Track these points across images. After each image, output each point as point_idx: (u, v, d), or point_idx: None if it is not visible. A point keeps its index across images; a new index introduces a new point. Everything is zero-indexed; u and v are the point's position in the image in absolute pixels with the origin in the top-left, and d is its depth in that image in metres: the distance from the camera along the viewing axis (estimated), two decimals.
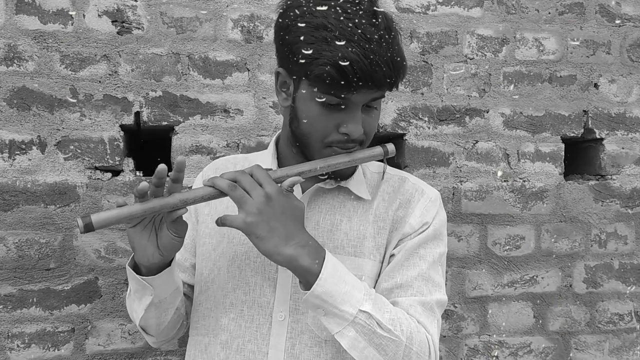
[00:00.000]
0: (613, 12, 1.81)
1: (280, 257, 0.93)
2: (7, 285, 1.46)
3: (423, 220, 1.10)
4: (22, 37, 1.47)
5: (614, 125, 1.81)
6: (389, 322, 0.96)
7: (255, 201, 0.92)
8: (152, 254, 0.99)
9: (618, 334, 1.81)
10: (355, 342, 0.95)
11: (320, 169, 1.00)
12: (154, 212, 0.93)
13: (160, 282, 1.04)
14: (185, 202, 0.95)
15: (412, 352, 0.97)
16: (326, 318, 0.96)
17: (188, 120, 1.55)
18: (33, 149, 1.48)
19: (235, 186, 0.94)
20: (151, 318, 1.10)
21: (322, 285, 0.93)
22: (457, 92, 1.71)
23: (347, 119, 0.98)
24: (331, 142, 1.00)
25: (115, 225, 0.94)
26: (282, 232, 0.93)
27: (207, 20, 1.56)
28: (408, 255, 1.08)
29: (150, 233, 0.98)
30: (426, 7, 1.69)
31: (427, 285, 1.06)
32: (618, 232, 1.80)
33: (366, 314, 0.94)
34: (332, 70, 0.91)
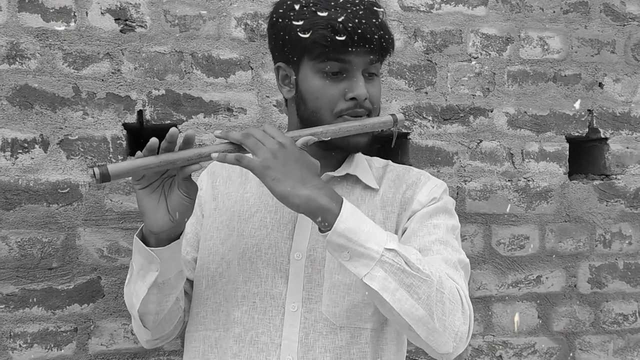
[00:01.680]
0: (618, 11, 1.80)
1: (297, 199, 0.90)
2: (9, 284, 1.45)
3: (431, 196, 1.11)
4: (25, 35, 1.47)
5: (619, 125, 1.80)
6: (417, 262, 0.91)
7: (269, 147, 0.93)
8: (162, 218, 0.97)
9: (622, 335, 1.80)
10: (386, 282, 0.89)
11: (332, 132, 1.01)
12: (169, 163, 0.92)
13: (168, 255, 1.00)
14: (199, 156, 0.94)
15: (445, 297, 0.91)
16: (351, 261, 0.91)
17: (191, 118, 1.55)
18: (35, 148, 1.47)
19: (249, 135, 0.94)
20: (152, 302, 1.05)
21: (343, 222, 0.90)
22: (461, 91, 1.70)
23: (351, 84, 1.02)
24: (340, 111, 1.03)
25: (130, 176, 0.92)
26: (298, 174, 0.92)
27: (211, 18, 1.56)
28: (421, 224, 1.07)
29: (160, 196, 0.97)
30: (430, 6, 1.68)
31: (447, 248, 1.03)
32: (623, 232, 1.80)
33: (393, 251, 0.90)
34: (327, 32, 0.98)
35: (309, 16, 0.99)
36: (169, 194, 0.98)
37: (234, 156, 0.93)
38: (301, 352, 1.03)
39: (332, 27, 0.98)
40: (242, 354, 1.05)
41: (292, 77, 1.07)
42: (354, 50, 1.00)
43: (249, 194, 1.15)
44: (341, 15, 0.98)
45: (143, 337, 1.15)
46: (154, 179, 0.97)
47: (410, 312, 0.90)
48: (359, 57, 1.01)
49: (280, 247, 1.08)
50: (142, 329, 1.11)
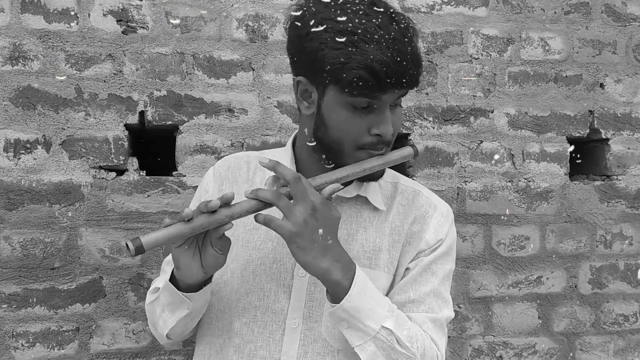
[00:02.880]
0: (619, 11, 1.80)
1: (315, 269, 0.95)
2: (11, 284, 1.46)
3: (437, 237, 1.12)
4: (27, 36, 1.47)
5: (620, 126, 1.80)
6: (407, 339, 0.99)
7: (301, 212, 0.93)
8: (197, 272, 0.99)
9: (623, 335, 1.80)
10: (374, 356, 0.98)
11: (356, 174, 1.01)
12: (202, 229, 0.94)
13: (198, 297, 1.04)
14: (231, 217, 0.95)
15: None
16: (348, 331, 0.98)
17: (192, 119, 1.55)
18: (38, 148, 1.48)
19: (281, 196, 0.94)
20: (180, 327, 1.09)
21: (351, 300, 0.95)
22: (462, 92, 1.70)
23: (378, 120, 0.99)
24: (363, 145, 1.01)
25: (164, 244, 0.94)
26: (322, 244, 0.94)
27: (212, 19, 1.56)
28: (421, 270, 1.10)
29: (195, 251, 0.98)
30: (431, 7, 1.68)
31: (438, 301, 1.09)
32: (624, 233, 1.80)
33: (388, 330, 0.98)
34: (364, 73, 0.92)
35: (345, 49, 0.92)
36: (203, 250, 0.99)
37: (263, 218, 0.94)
38: None
39: (372, 68, 0.91)
40: None
41: (313, 96, 1.02)
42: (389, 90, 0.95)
43: None
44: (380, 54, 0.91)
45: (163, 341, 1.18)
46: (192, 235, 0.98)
47: None
48: (391, 94, 0.97)
49: (284, 262, 1.08)
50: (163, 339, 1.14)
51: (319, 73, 0.96)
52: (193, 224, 0.93)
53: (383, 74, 0.92)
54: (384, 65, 0.91)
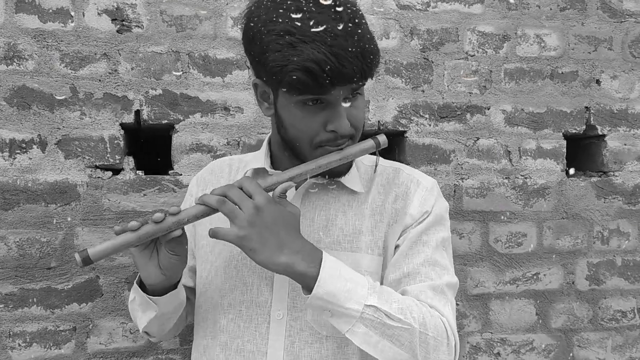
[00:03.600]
0: (615, 7, 1.80)
1: (275, 267, 0.93)
2: (8, 284, 1.46)
3: (423, 209, 1.09)
4: (22, 36, 1.47)
5: (616, 122, 1.80)
6: (398, 312, 0.95)
7: (245, 214, 0.92)
8: (155, 274, 1.01)
9: (621, 331, 1.80)
10: (367, 337, 0.94)
11: (312, 171, 0.99)
12: (149, 237, 0.95)
13: (164, 302, 1.07)
14: (178, 224, 0.96)
15: (429, 338, 0.96)
16: (334, 319, 0.95)
17: (188, 118, 1.55)
18: (33, 148, 1.48)
19: (224, 201, 0.94)
20: (154, 326, 1.13)
21: (322, 286, 0.92)
22: (458, 89, 1.70)
23: (331, 115, 0.97)
24: (320, 142, 1.00)
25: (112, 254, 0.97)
26: (275, 241, 0.92)
27: (207, 18, 1.56)
28: (411, 243, 1.07)
29: (152, 253, 1.00)
30: (427, 4, 1.68)
31: (435, 269, 1.05)
32: (621, 229, 1.80)
33: (373, 307, 0.94)
34: (301, 75, 0.90)
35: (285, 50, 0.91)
36: (159, 252, 1.01)
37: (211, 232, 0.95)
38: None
39: (306, 68, 0.89)
40: None
41: (270, 96, 1.02)
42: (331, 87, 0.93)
43: None
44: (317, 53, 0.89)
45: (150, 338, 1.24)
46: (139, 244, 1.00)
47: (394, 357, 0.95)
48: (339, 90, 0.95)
49: None
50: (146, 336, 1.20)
51: (267, 76, 0.96)
52: (139, 232, 0.94)
53: (320, 74, 0.89)
54: (320, 65, 0.89)
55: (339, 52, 0.90)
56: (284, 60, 0.91)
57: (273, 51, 0.92)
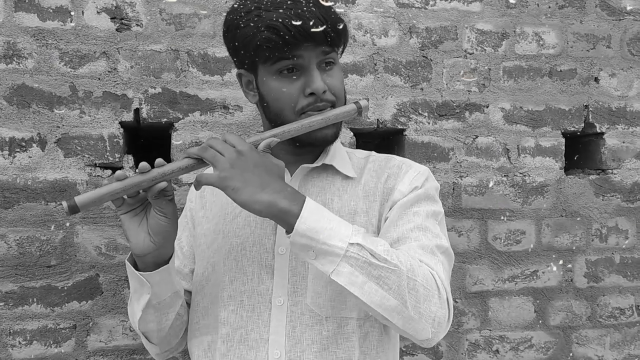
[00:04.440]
0: (613, 5, 1.80)
1: (257, 205, 0.92)
2: (8, 282, 1.47)
3: (412, 185, 1.11)
4: (22, 34, 1.47)
5: (615, 120, 1.80)
6: (384, 253, 0.92)
7: (227, 157, 0.94)
8: (143, 240, 1.00)
9: (619, 328, 1.81)
10: (352, 277, 0.91)
11: (295, 130, 1.02)
12: (134, 186, 0.95)
13: (158, 280, 1.04)
14: (163, 174, 0.96)
15: (417, 284, 0.92)
16: (317, 260, 0.93)
17: (187, 116, 1.56)
18: (33, 147, 1.48)
19: (207, 148, 0.96)
20: (151, 321, 1.09)
21: (304, 222, 0.91)
22: (457, 87, 1.70)
23: (307, 80, 1.03)
24: (302, 108, 1.04)
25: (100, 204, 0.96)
26: (257, 181, 0.93)
27: (206, 16, 1.56)
28: (401, 213, 1.07)
29: (142, 220, 1.01)
30: (426, 2, 1.69)
31: (426, 234, 1.04)
32: (619, 227, 1.80)
33: (357, 245, 0.91)
34: (268, 34, 0.98)
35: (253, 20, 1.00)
36: (149, 216, 1.01)
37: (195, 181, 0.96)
38: (289, 346, 1.03)
39: (274, 27, 0.98)
40: (230, 354, 1.06)
41: (253, 82, 1.08)
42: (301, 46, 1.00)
43: None
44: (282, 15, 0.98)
45: (152, 351, 1.19)
46: (135, 204, 1.01)
47: (382, 303, 0.91)
48: (309, 51, 1.02)
49: (264, 244, 1.09)
50: (148, 344, 1.16)
51: (244, 57, 1.04)
52: (125, 182, 0.95)
53: (285, 30, 0.98)
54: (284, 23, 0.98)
55: (301, 12, 0.99)
56: (253, 29, 0.99)
57: (244, 27, 1.01)
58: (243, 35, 1.01)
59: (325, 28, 1.01)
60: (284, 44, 0.99)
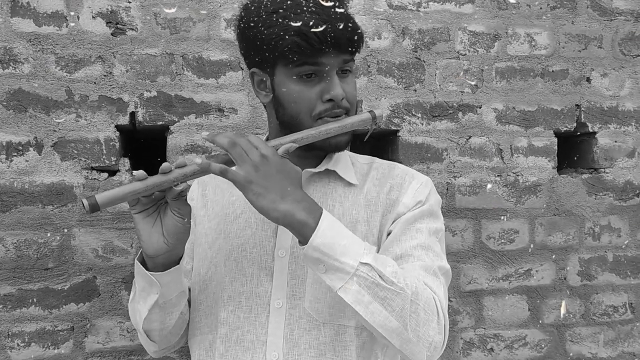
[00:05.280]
0: (605, 6, 1.82)
1: (276, 213, 0.93)
2: (6, 285, 1.48)
3: (416, 199, 1.12)
4: (18, 39, 1.49)
5: (607, 119, 1.82)
6: (392, 275, 0.94)
7: (253, 159, 0.95)
8: (157, 241, 1.00)
9: (613, 326, 1.82)
10: (359, 295, 0.93)
11: (313, 137, 1.03)
12: (156, 187, 0.95)
13: (168, 280, 1.04)
14: (185, 176, 0.96)
15: (419, 308, 0.94)
16: (327, 274, 0.94)
17: (183, 119, 1.57)
18: (30, 151, 1.50)
19: (235, 144, 0.96)
20: (155, 321, 1.10)
21: (320, 236, 0.93)
22: (450, 88, 1.72)
23: (327, 85, 1.04)
24: (319, 114, 1.05)
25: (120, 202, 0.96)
26: (278, 188, 0.94)
27: (201, 20, 1.58)
28: (404, 229, 1.08)
29: (156, 220, 1.01)
30: (418, 4, 1.70)
31: (428, 253, 1.06)
32: (612, 225, 1.82)
33: (368, 265, 0.93)
34: (297, 39, 0.99)
35: (279, 23, 1.00)
36: (163, 217, 1.01)
37: (219, 167, 0.96)
38: (286, 349, 1.04)
39: (303, 34, 0.99)
40: (228, 354, 1.07)
41: (267, 82, 1.08)
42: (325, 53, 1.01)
43: (235, 197, 1.17)
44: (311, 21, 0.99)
45: (150, 348, 1.19)
46: (149, 204, 1.00)
47: (384, 324, 0.93)
48: (331, 58, 1.03)
49: (264, 246, 1.10)
50: (148, 342, 1.16)
51: (263, 57, 1.04)
52: (147, 182, 0.95)
53: (314, 37, 0.99)
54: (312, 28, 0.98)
55: (328, 19, 1.00)
56: (281, 31, 1.00)
57: (267, 27, 1.01)
58: (267, 36, 1.01)
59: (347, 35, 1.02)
60: (311, 50, 1.00)
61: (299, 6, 1.00)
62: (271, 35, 1.01)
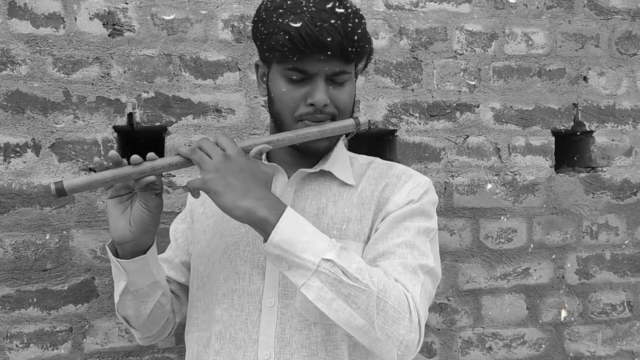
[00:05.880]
0: (601, 5, 1.82)
1: (237, 211, 0.93)
2: (5, 286, 1.48)
3: (409, 198, 1.10)
4: (15, 41, 1.49)
5: (604, 118, 1.82)
6: (356, 271, 0.92)
7: (213, 161, 0.96)
8: (123, 228, 1.02)
9: (611, 324, 1.83)
10: (321, 292, 0.92)
11: (289, 139, 1.04)
12: (124, 177, 0.97)
13: (134, 269, 1.06)
14: (153, 169, 0.98)
15: (387, 306, 0.92)
16: (290, 272, 0.94)
17: (181, 120, 1.57)
18: (28, 152, 1.50)
19: (195, 150, 0.98)
20: (129, 307, 1.12)
21: (279, 233, 0.92)
22: (447, 88, 1.72)
23: (311, 90, 1.04)
24: (301, 116, 1.05)
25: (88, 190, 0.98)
26: (240, 187, 0.94)
27: (198, 21, 1.58)
28: (392, 226, 1.07)
29: (126, 208, 1.03)
30: (415, 4, 1.70)
31: (412, 251, 1.03)
32: (609, 224, 1.82)
33: (330, 262, 0.92)
34: (282, 38, 0.99)
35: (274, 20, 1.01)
36: (133, 207, 1.03)
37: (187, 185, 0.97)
38: (278, 348, 1.05)
39: (288, 33, 0.99)
40: (223, 351, 1.08)
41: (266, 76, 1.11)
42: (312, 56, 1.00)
43: None
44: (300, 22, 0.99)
45: (135, 335, 1.22)
46: (123, 191, 1.03)
47: (349, 322, 0.92)
48: (320, 62, 1.02)
49: (257, 244, 1.11)
50: (130, 328, 1.19)
51: (262, 51, 1.07)
52: (115, 171, 0.97)
53: (298, 38, 0.98)
54: (299, 30, 0.98)
55: (320, 23, 0.99)
56: (273, 27, 1.01)
57: (266, 23, 1.03)
58: (264, 30, 1.03)
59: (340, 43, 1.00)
60: (295, 51, 1.00)
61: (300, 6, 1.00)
62: (267, 30, 1.03)
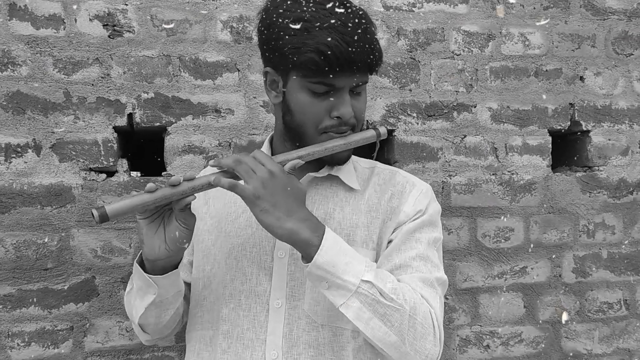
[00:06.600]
0: (598, 5, 1.83)
1: (281, 231, 0.96)
2: (6, 285, 1.49)
3: (417, 208, 1.14)
4: (15, 42, 1.50)
5: (600, 118, 1.84)
6: (392, 292, 0.98)
7: (259, 175, 0.97)
8: (159, 247, 1.03)
9: (607, 322, 1.84)
10: (360, 312, 0.97)
11: (318, 153, 1.05)
12: (165, 199, 0.98)
13: (166, 283, 1.08)
14: (193, 189, 0.99)
15: (417, 323, 0.99)
16: (329, 291, 0.98)
17: (180, 120, 1.58)
18: (29, 152, 1.51)
19: (241, 161, 0.98)
20: (151, 317, 1.13)
21: (323, 255, 0.96)
22: (445, 88, 1.74)
23: (337, 103, 1.04)
24: (325, 128, 1.06)
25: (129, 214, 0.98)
26: (284, 206, 0.97)
27: (197, 22, 1.59)
28: (405, 239, 1.11)
29: (159, 226, 1.03)
30: (412, 5, 1.72)
31: (426, 264, 1.09)
32: (606, 222, 1.84)
33: (369, 283, 0.97)
34: (315, 56, 0.98)
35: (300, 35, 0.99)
36: (167, 224, 1.03)
37: (228, 182, 0.98)
38: (285, 348, 1.06)
39: (321, 51, 0.97)
40: (230, 350, 1.09)
41: (280, 84, 1.08)
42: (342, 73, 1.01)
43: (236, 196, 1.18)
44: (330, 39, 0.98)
45: (142, 337, 1.23)
46: (155, 211, 1.03)
47: (383, 339, 0.98)
48: (346, 78, 1.02)
49: (264, 246, 1.12)
50: (142, 333, 1.20)
51: (280, 61, 1.04)
52: (156, 194, 0.97)
53: (332, 57, 0.98)
54: (333, 49, 0.97)
55: (350, 40, 0.99)
56: (299, 43, 0.99)
57: (288, 36, 1.00)
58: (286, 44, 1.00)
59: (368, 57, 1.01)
60: (329, 70, 0.99)
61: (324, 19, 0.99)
62: (291, 44, 1.00)
